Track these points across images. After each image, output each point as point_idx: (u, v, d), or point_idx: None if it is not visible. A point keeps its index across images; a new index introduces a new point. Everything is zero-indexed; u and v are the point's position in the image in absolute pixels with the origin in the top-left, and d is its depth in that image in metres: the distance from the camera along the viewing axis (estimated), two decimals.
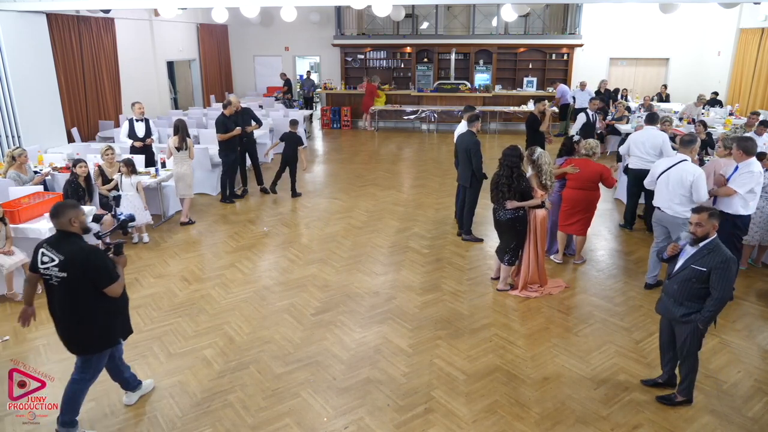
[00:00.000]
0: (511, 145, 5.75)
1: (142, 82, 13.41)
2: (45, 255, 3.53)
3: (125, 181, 7.11)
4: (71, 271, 3.48)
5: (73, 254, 3.49)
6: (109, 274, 3.56)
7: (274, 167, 11.58)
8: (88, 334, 3.66)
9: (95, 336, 3.68)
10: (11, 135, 9.11)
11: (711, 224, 3.80)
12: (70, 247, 3.52)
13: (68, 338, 3.71)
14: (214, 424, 3.99)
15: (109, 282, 3.55)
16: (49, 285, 3.59)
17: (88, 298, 3.56)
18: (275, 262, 6.81)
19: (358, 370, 4.61)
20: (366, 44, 17.30)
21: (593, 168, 6.19)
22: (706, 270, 3.75)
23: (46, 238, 3.67)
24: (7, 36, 8.85)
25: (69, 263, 3.47)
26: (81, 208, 3.66)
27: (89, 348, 3.71)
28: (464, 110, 7.68)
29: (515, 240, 5.79)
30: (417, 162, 12.19)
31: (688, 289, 3.86)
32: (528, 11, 15.61)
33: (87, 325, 3.62)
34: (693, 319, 3.86)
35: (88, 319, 3.60)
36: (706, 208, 3.90)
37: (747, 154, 5.38)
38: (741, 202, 5.43)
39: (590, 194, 6.29)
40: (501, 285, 6.01)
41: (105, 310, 3.66)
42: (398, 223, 8.13)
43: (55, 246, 3.53)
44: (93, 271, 3.51)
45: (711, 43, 15.79)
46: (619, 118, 12.07)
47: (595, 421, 3.99)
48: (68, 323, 3.64)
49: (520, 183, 5.59)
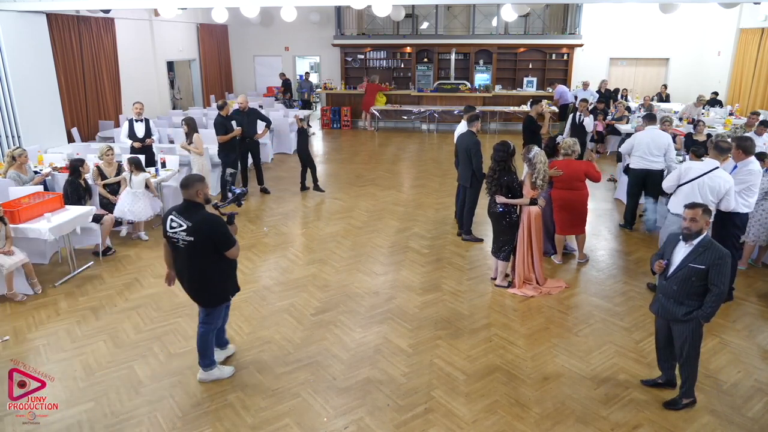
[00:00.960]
0: (501, 141, 5.85)
1: (142, 82, 13.40)
2: (174, 221, 4.00)
3: (134, 179, 7.11)
4: (197, 236, 3.95)
5: (199, 221, 3.95)
6: (230, 239, 4.09)
7: (275, 167, 11.62)
8: (210, 291, 4.21)
9: (215, 292, 4.23)
10: (11, 135, 9.11)
11: (704, 220, 3.83)
12: (197, 215, 3.97)
13: (193, 294, 4.25)
14: (214, 424, 3.98)
15: (229, 246, 4.09)
16: (176, 247, 4.06)
17: (210, 259, 4.06)
18: (275, 262, 6.81)
19: (358, 370, 4.61)
20: (366, 44, 17.30)
21: (576, 167, 6.31)
22: (705, 267, 3.77)
23: (174, 206, 4.12)
24: (7, 36, 8.84)
25: (196, 229, 3.94)
26: (206, 182, 4.11)
27: (211, 302, 4.26)
28: (465, 110, 7.69)
29: (503, 235, 5.89)
30: (417, 162, 12.19)
31: (688, 288, 3.87)
32: (528, 11, 15.61)
33: (208, 283, 4.17)
34: (695, 316, 3.88)
35: (209, 278, 4.14)
36: (700, 204, 3.92)
37: (746, 154, 5.39)
38: (741, 200, 5.42)
39: (578, 193, 6.38)
40: (499, 280, 6.07)
41: (222, 271, 4.19)
42: (398, 223, 8.13)
43: (182, 213, 4.00)
44: (217, 236, 4.01)
45: (711, 43, 15.79)
46: (619, 118, 12.07)
47: (595, 421, 3.99)
48: (193, 281, 4.18)
49: (502, 177, 5.70)
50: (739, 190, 5.40)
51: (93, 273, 6.52)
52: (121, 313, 5.59)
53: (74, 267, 6.48)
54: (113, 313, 5.59)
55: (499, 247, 5.97)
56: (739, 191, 5.42)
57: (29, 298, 5.87)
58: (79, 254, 6.81)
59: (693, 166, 5.49)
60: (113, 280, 6.32)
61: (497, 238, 5.98)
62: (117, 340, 5.08)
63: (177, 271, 4.27)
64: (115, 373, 4.58)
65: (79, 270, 6.52)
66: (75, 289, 6.09)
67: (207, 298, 4.25)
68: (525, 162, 5.84)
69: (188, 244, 3.98)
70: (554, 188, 6.40)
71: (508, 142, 5.81)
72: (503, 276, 6.05)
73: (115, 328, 5.29)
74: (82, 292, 6.02)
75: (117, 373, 4.58)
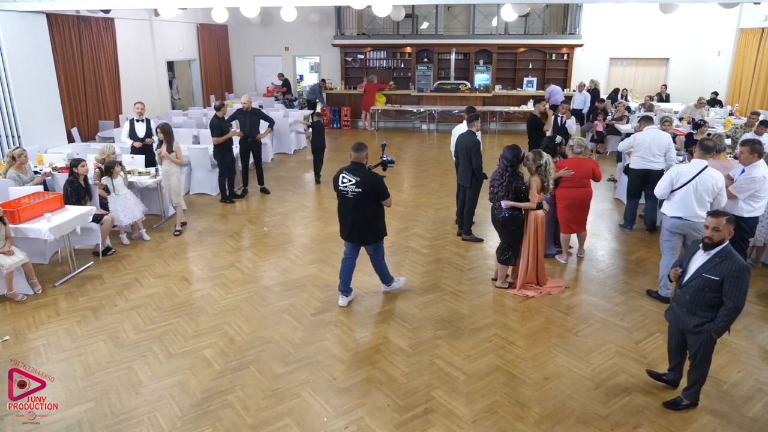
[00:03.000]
0: (512, 144, 5.73)
1: (142, 82, 13.40)
2: (344, 177, 5.23)
3: (115, 183, 7.06)
4: (364, 189, 5.18)
5: (365, 177, 5.18)
6: (386, 191, 5.31)
7: (275, 167, 11.61)
8: (372, 230, 5.44)
9: (376, 230, 5.46)
10: (11, 135, 9.10)
11: (727, 230, 3.66)
12: (363, 173, 5.20)
13: (357, 236, 5.46)
14: (214, 424, 3.98)
15: (386, 196, 5.33)
16: (345, 198, 5.30)
17: (371, 206, 5.31)
18: (275, 262, 6.81)
19: (358, 370, 4.61)
20: (366, 44, 17.29)
21: (586, 165, 6.36)
22: (719, 279, 3.62)
23: (345, 167, 5.30)
24: (7, 36, 8.84)
25: (363, 183, 5.17)
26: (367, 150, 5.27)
27: (374, 238, 5.51)
28: (465, 110, 7.71)
29: (508, 240, 5.81)
30: (417, 162, 12.19)
31: (700, 299, 3.74)
32: (528, 11, 15.59)
33: (371, 224, 5.39)
34: (706, 329, 3.76)
35: (371, 220, 5.37)
36: (724, 212, 3.76)
37: (757, 156, 5.33)
38: (746, 205, 5.41)
39: (586, 191, 6.43)
40: (499, 282, 6.05)
41: (379, 215, 5.44)
42: (398, 223, 8.13)
43: (352, 172, 5.23)
44: (378, 188, 5.23)
45: (711, 43, 15.79)
46: (619, 118, 12.07)
47: (595, 421, 3.99)
48: (356, 224, 5.37)
49: (511, 183, 5.60)
50: (744, 197, 5.38)
51: (93, 273, 6.52)
52: (121, 313, 5.59)
53: (74, 267, 6.49)
54: (113, 313, 5.60)
55: (502, 251, 5.90)
56: (744, 198, 5.41)
57: (29, 298, 5.87)
58: (79, 254, 6.81)
59: (683, 170, 5.38)
60: (113, 280, 6.32)
61: (502, 243, 5.88)
62: (117, 340, 5.08)
63: (342, 218, 5.45)
64: (115, 373, 4.58)
65: (79, 270, 6.52)
66: (75, 289, 6.09)
67: (370, 236, 5.46)
68: (535, 167, 5.70)
69: (356, 194, 5.21)
70: (562, 187, 6.38)
71: (518, 147, 5.66)
72: (503, 278, 6.03)
73: (115, 328, 5.29)
74: (82, 292, 6.02)
75: (117, 373, 4.58)
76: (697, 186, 5.24)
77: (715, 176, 5.24)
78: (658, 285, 5.81)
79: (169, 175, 7.64)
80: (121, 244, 7.35)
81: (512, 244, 5.82)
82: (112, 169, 7.02)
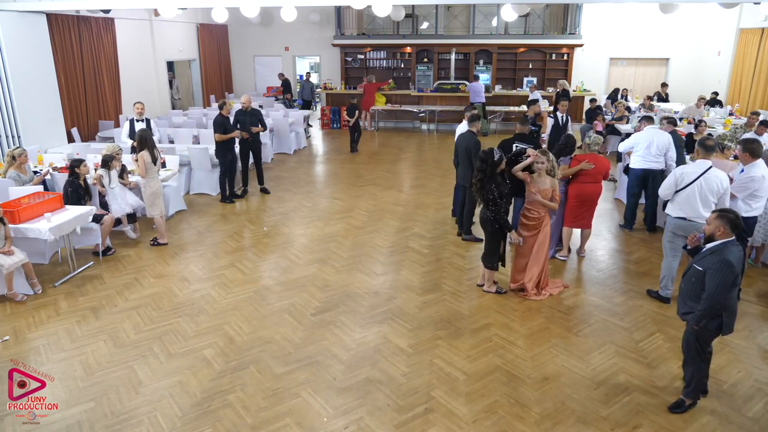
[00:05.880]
0: (487, 149, 5.51)
1: (142, 82, 13.40)
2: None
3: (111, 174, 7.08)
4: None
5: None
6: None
7: (275, 167, 11.61)
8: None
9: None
10: (11, 135, 9.10)
11: (714, 225, 3.81)
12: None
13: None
14: (214, 424, 3.98)
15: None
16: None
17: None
18: (275, 262, 6.81)
19: (358, 370, 4.61)
20: (366, 44, 17.29)
21: (602, 161, 6.45)
22: (702, 270, 3.78)
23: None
24: (7, 36, 8.84)
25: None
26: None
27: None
28: (466, 110, 7.70)
29: (492, 242, 5.67)
30: (417, 162, 12.19)
31: (690, 288, 3.90)
32: (528, 11, 15.59)
33: None
34: (689, 318, 3.90)
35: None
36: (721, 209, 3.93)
37: (753, 156, 5.35)
38: (744, 205, 5.41)
39: (598, 187, 6.53)
40: (486, 286, 5.96)
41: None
42: (398, 223, 8.13)
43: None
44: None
45: (711, 43, 15.78)
46: (619, 118, 12.07)
47: (595, 421, 3.99)
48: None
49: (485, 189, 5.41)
50: (743, 196, 5.38)
51: (93, 273, 6.52)
52: (121, 313, 5.59)
53: (74, 267, 6.49)
54: (113, 313, 5.59)
55: (485, 253, 5.78)
56: (743, 198, 5.40)
57: (29, 298, 5.87)
58: (79, 254, 6.81)
59: (687, 170, 5.37)
60: (113, 280, 6.32)
61: (486, 245, 5.77)
62: (117, 340, 5.08)
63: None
64: (115, 373, 4.58)
65: (79, 270, 6.52)
66: (75, 289, 6.09)
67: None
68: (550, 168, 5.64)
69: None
70: (577, 182, 6.41)
71: (492, 150, 5.41)
72: (491, 282, 5.95)
73: (115, 328, 5.29)
74: (82, 292, 6.02)
75: (117, 373, 4.58)
76: (702, 186, 5.24)
77: (720, 176, 5.24)
78: (658, 285, 5.80)
79: (145, 186, 7.16)
80: (127, 239, 7.35)
81: (493, 247, 5.69)
82: (109, 162, 7.03)
